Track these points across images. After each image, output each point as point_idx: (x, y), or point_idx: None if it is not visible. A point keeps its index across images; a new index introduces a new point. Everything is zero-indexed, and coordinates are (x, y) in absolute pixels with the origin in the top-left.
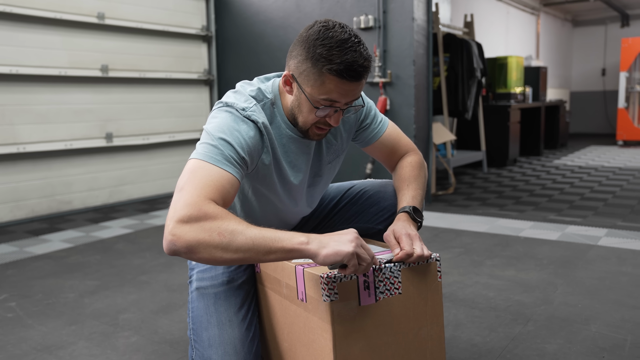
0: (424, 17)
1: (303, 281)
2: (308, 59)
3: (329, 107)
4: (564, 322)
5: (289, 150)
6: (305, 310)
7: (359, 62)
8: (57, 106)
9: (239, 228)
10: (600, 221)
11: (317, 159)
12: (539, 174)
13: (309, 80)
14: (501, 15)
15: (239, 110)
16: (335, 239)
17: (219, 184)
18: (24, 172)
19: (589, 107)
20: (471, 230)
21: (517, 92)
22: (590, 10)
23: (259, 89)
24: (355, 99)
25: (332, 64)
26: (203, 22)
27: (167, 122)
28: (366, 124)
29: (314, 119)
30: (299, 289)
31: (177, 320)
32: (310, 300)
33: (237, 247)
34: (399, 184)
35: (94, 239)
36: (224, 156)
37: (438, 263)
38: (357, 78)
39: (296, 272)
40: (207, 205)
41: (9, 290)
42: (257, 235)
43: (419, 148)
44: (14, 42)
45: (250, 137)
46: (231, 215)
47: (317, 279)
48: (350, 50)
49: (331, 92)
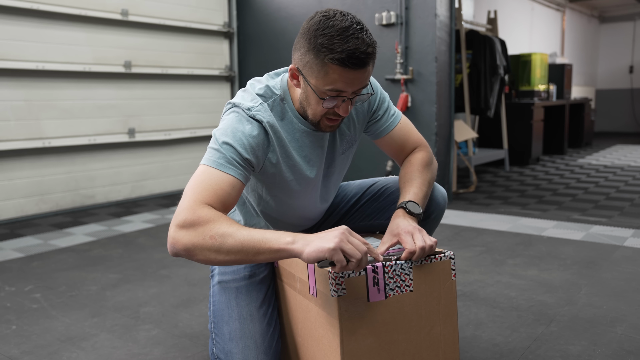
0: (446, 14)
1: (314, 276)
2: (310, 50)
3: (335, 97)
4: (588, 324)
5: (303, 144)
6: (316, 305)
7: (362, 49)
8: (81, 102)
9: (229, 230)
10: (627, 221)
11: (331, 150)
12: (562, 173)
13: (312, 72)
14: (525, 12)
15: (245, 110)
16: (320, 236)
17: (218, 187)
18: (49, 166)
19: (616, 105)
20: (493, 229)
21: (541, 89)
22: (618, 6)
23: (267, 86)
24: (363, 87)
25: (333, 53)
26: (225, 18)
27: (189, 118)
28: (378, 115)
29: (322, 111)
30: (310, 284)
31: (197, 315)
32: (320, 295)
33: (228, 249)
34: (401, 181)
35: (116, 233)
36: (226, 159)
37: (452, 261)
38: (360, 65)
39: (308, 267)
40: (201, 210)
41: (34, 281)
42: (246, 237)
43: (440, 145)
44: (39, 38)
45: (253, 136)
46: (224, 218)
47: (327, 273)
48: (352, 38)
49: (336, 81)
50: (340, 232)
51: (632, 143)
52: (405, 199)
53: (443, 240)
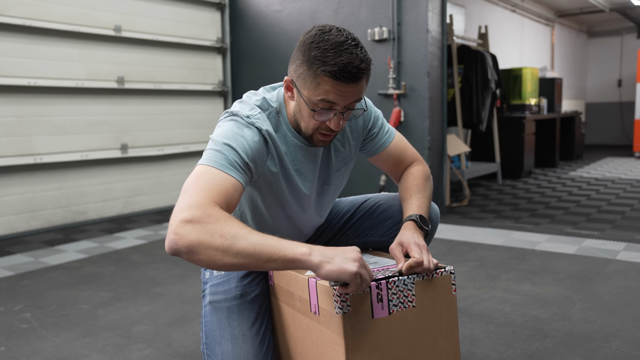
0: (438, 29)
1: (316, 293)
2: (304, 62)
3: (327, 110)
4: (582, 339)
5: (295, 158)
6: (318, 323)
7: (354, 63)
8: (73, 117)
9: (242, 232)
10: (619, 235)
11: (325, 167)
12: (554, 185)
13: (305, 83)
14: (516, 27)
15: (244, 117)
16: (341, 255)
17: (223, 187)
18: (40, 182)
19: (605, 118)
20: (486, 243)
21: (532, 103)
22: (605, 21)
23: (264, 99)
24: (355, 102)
25: (326, 66)
26: (218, 34)
27: (182, 133)
28: (373, 133)
29: (314, 124)
30: (312, 302)
31: (190, 333)
32: (323, 313)
33: (238, 251)
34: (404, 194)
35: (108, 250)
36: (228, 161)
37: (452, 276)
38: (352, 79)
39: (309, 285)
40: (211, 208)
41: (24, 300)
42: (260, 241)
43: (433, 160)
44: (32, 54)
45: (254, 142)
46: (234, 219)
47: (330, 290)
48: (345, 52)
49: (327, 93)
50: (359, 255)
51: (622, 155)
52: (414, 211)
53: (437, 255)
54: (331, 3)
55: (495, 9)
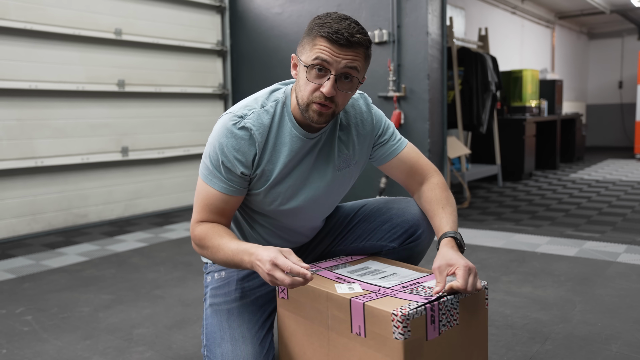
0: (438, 31)
1: (363, 316)
2: (306, 33)
3: (321, 71)
4: (583, 342)
5: (292, 149)
6: (363, 345)
7: (350, 30)
8: (74, 121)
9: (210, 253)
10: (619, 237)
11: (324, 162)
12: (555, 188)
13: (304, 49)
14: (516, 29)
15: (238, 117)
16: (258, 264)
17: (212, 204)
18: (42, 185)
19: (606, 120)
20: (487, 246)
21: (533, 105)
22: (606, 22)
23: (272, 91)
24: (350, 69)
25: (322, 28)
26: (218, 37)
27: (182, 136)
28: (384, 139)
29: (310, 90)
30: (354, 322)
31: (191, 336)
32: (373, 336)
33: (219, 261)
34: (432, 206)
35: (109, 253)
36: (214, 175)
37: (486, 291)
38: (346, 42)
39: (352, 306)
40: (196, 229)
41: (26, 303)
42: (223, 260)
43: (434, 162)
44: (32, 58)
45: (240, 147)
46: (208, 236)
47: (386, 315)
48: (344, 22)
49: (322, 51)
50: (266, 271)
51: (623, 157)
52: (452, 228)
53: None
54: (331, 5)
55: (496, 11)
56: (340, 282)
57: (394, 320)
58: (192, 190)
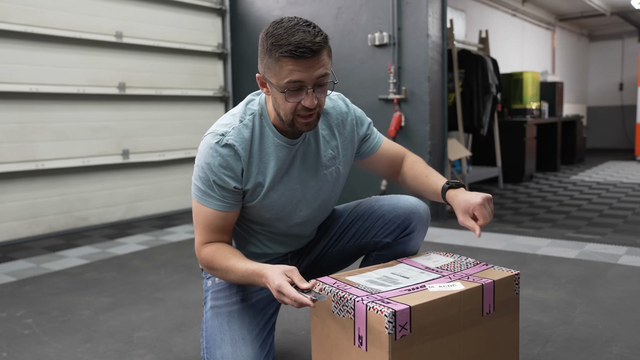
0: (438, 34)
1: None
2: (265, 53)
3: (297, 89)
4: (583, 344)
5: (278, 157)
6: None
7: (307, 39)
8: (75, 123)
9: (225, 271)
10: (620, 239)
11: (312, 163)
12: (555, 190)
13: (271, 71)
14: (516, 31)
15: (219, 135)
16: (271, 285)
17: (211, 223)
18: (42, 188)
19: (607, 122)
20: (487, 248)
21: (533, 107)
22: (606, 25)
23: (246, 105)
24: (322, 77)
25: (282, 47)
26: (219, 39)
27: (183, 139)
28: (367, 134)
29: (291, 107)
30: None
31: (191, 339)
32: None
33: (231, 282)
34: (418, 180)
35: (109, 255)
36: (207, 195)
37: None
38: (310, 53)
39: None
40: (202, 252)
41: (26, 306)
42: (239, 277)
43: (434, 164)
44: (33, 61)
45: (231, 159)
46: (215, 258)
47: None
48: (298, 32)
49: (291, 73)
50: (277, 284)
51: (623, 159)
52: (442, 181)
53: None
54: (331, 8)
55: (496, 13)
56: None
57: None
58: None
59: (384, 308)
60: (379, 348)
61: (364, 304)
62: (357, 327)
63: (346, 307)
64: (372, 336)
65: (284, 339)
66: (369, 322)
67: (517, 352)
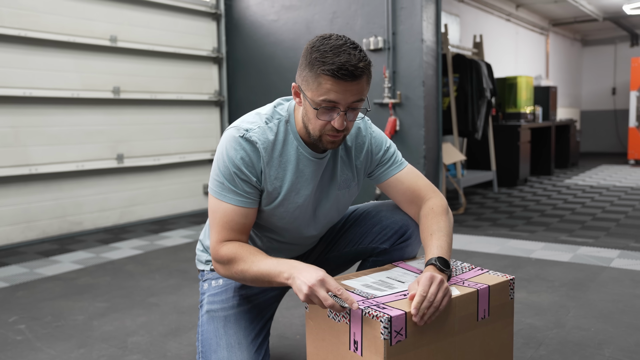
0: (433, 39)
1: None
2: (307, 65)
3: (330, 109)
4: (576, 347)
5: (298, 167)
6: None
7: (352, 62)
8: (69, 128)
9: (245, 267)
10: (613, 242)
11: (328, 181)
12: (549, 193)
13: (309, 85)
14: (510, 36)
15: (243, 130)
16: (301, 277)
17: (232, 220)
18: (36, 193)
19: (600, 126)
20: (482, 252)
21: (527, 111)
22: (599, 30)
23: (274, 109)
24: (357, 101)
25: (325, 65)
26: (214, 43)
27: (178, 143)
28: (384, 159)
29: (320, 125)
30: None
31: (186, 344)
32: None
33: (248, 280)
34: (424, 234)
35: (103, 260)
36: (229, 190)
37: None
38: (351, 77)
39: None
40: (222, 250)
41: (19, 312)
42: (257, 274)
43: (429, 168)
44: (27, 65)
45: (253, 155)
46: (239, 254)
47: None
48: (343, 53)
49: (328, 92)
50: (316, 280)
51: (616, 163)
52: (434, 254)
53: None
54: (326, 13)
55: (490, 18)
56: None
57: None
58: (188, 197)
59: (379, 313)
60: (375, 353)
61: (359, 309)
62: (353, 332)
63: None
64: (368, 341)
65: (279, 344)
66: (364, 327)
67: (511, 356)
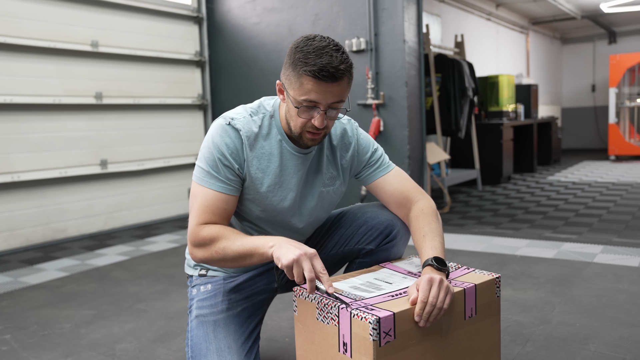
0: (415, 39)
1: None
2: (290, 65)
3: (311, 108)
4: (562, 342)
5: (281, 160)
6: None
7: (333, 64)
8: (51, 134)
9: (227, 244)
10: (596, 237)
11: (313, 178)
12: (533, 190)
13: (291, 84)
14: (491, 35)
15: (229, 118)
16: (291, 246)
17: (213, 205)
18: (19, 200)
19: (581, 123)
20: (467, 250)
21: (509, 109)
22: (578, 28)
23: (261, 104)
24: (338, 102)
25: (307, 66)
26: (196, 47)
27: (162, 148)
28: (371, 161)
29: (301, 122)
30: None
31: (174, 349)
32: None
33: (230, 258)
34: (417, 236)
35: (89, 267)
36: (211, 176)
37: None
38: (332, 79)
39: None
40: (202, 231)
41: (4, 322)
42: (240, 248)
43: (413, 168)
44: (7, 71)
45: (237, 143)
46: (221, 232)
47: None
48: (325, 55)
49: (309, 92)
50: (308, 253)
51: (597, 159)
52: (429, 255)
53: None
54: (309, 15)
55: (471, 17)
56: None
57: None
58: (173, 201)
59: (368, 315)
60: (364, 355)
61: (348, 311)
62: (342, 334)
63: (330, 314)
64: (357, 343)
65: (268, 347)
66: (353, 329)
67: (498, 353)
